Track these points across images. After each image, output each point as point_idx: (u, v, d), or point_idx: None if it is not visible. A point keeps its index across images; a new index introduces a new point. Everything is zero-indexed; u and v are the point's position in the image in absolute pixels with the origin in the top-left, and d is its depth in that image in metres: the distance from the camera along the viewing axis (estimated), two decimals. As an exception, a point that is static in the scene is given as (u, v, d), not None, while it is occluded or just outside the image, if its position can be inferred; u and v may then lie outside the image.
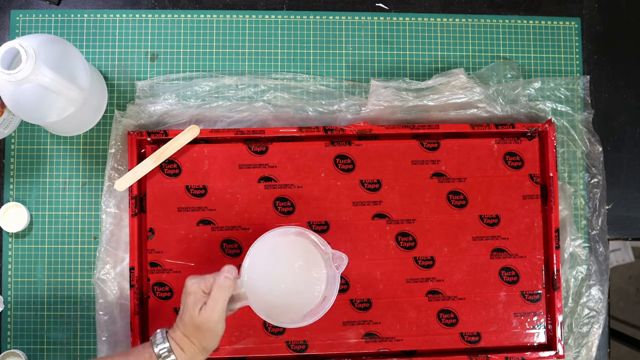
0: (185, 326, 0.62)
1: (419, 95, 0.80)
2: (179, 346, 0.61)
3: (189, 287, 0.63)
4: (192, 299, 0.62)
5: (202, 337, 0.61)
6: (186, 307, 0.62)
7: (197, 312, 0.61)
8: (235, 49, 0.82)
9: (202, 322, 0.61)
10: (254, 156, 0.79)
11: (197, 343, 0.61)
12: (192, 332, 0.61)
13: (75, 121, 0.76)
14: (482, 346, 0.79)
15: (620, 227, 0.85)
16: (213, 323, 0.61)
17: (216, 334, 0.62)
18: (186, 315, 0.62)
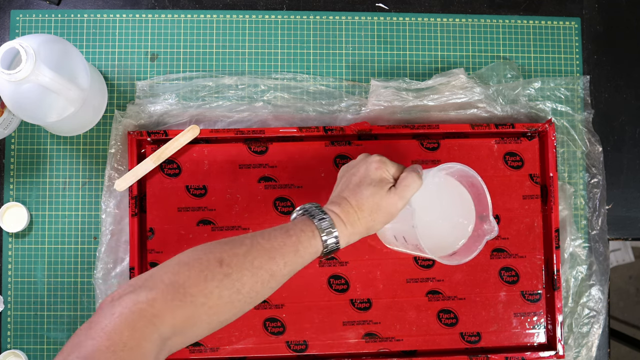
0: (358, 202, 0.58)
1: (419, 95, 0.80)
2: (342, 221, 0.57)
3: (376, 163, 0.60)
4: (380, 176, 0.59)
5: (375, 217, 0.58)
6: (367, 181, 0.59)
7: (386, 191, 0.58)
8: (235, 49, 0.82)
9: (388, 203, 0.58)
10: (254, 156, 0.79)
11: (364, 222, 0.58)
12: (365, 209, 0.58)
13: (75, 121, 0.76)
14: (482, 346, 0.79)
15: (620, 227, 0.85)
16: (395, 208, 0.58)
17: (388, 219, 0.59)
18: (365, 191, 0.58)
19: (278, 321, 0.78)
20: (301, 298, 0.78)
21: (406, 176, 0.59)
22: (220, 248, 0.53)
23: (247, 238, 0.55)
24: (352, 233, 0.58)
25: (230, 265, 0.52)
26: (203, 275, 0.51)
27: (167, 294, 0.49)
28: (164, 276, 0.50)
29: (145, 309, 0.48)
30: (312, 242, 0.56)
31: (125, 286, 0.50)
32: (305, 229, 0.56)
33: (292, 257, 0.55)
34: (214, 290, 0.51)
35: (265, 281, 0.54)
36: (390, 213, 0.59)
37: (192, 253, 0.53)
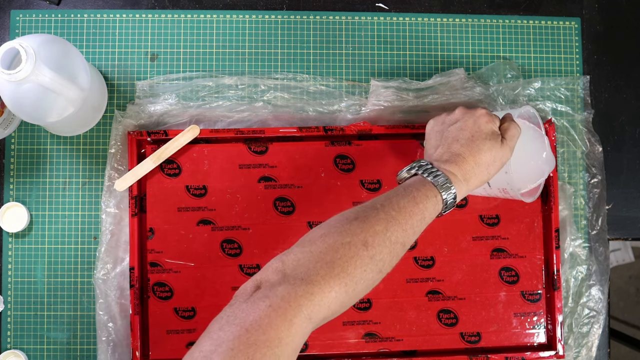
0: (475, 157, 0.58)
1: (419, 95, 0.80)
2: (459, 177, 0.57)
3: (486, 116, 0.60)
4: (491, 129, 0.60)
5: (491, 170, 0.59)
6: (481, 136, 0.59)
7: (500, 144, 0.59)
8: (235, 49, 0.82)
9: (503, 154, 0.59)
10: (254, 156, 0.79)
11: (480, 176, 0.59)
12: (483, 163, 0.58)
13: (75, 121, 0.76)
14: (482, 346, 0.79)
15: (620, 227, 0.85)
16: (507, 159, 0.60)
17: (499, 170, 0.60)
18: (483, 146, 0.58)
19: (278, 321, 0.78)
20: (301, 298, 0.78)
21: (509, 126, 0.61)
22: (361, 227, 0.52)
23: (379, 211, 0.54)
24: (467, 189, 0.59)
25: (374, 245, 0.52)
26: (354, 262, 0.50)
27: (325, 287, 0.48)
28: (319, 267, 0.49)
29: (305, 304, 0.47)
30: (436, 206, 0.56)
31: (271, 273, 0.49)
32: (429, 194, 0.56)
33: (420, 225, 0.55)
34: (363, 275, 0.51)
35: (399, 254, 0.54)
36: (503, 164, 0.60)
37: (338, 236, 0.52)
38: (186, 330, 0.77)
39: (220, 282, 0.78)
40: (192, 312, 0.77)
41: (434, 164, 0.59)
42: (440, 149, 0.61)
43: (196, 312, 0.77)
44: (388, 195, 0.56)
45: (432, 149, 0.62)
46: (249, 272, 0.78)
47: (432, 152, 0.62)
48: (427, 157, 0.62)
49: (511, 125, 0.61)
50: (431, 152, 0.62)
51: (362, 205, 0.56)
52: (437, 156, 0.60)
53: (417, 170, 0.59)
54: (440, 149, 0.61)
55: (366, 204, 0.56)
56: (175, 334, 0.77)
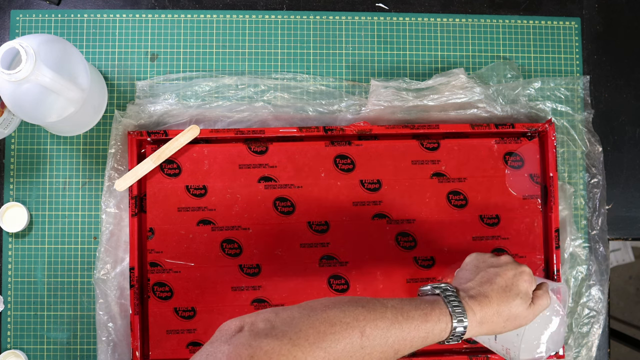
0: (500, 307, 0.58)
1: (419, 95, 0.80)
2: (476, 318, 0.57)
3: (528, 276, 0.61)
4: (527, 291, 0.60)
5: (507, 325, 0.59)
6: (515, 291, 0.59)
7: (527, 306, 0.60)
8: (235, 49, 0.82)
9: (525, 317, 0.59)
10: (254, 156, 0.79)
11: (495, 326, 0.59)
12: (504, 316, 0.59)
13: (75, 121, 0.76)
14: (482, 346, 0.79)
15: (620, 227, 0.85)
16: (526, 322, 0.60)
17: (516, 328, 0.61)
18: (512, 301, 0.59)
19: (278, 321, 0.78)
20: (301, 298, 0.78)
21: (542, 295, 0.61)
22: (365, 316, 0.53)
23: (387, 309, 0.54)
24: (478, 331, 0.58)
25: (369, 338, 0.52)
26: (344, 344, 0.50)
27: (308, 355, 0.48)
28: (310, 333, 0.49)
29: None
30: (442, 333, 0.56)
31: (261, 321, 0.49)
32: (442, 318, 0.56)
33: (420, 342, 0.55)
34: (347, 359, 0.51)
35: (387, 358, 0.54)
36: (520, 325, 0.60)
37: (340, 313, 0.52)
38: (186, 330, 0.77)
39: (220, 282, 0.78)
40: (192, 312, 0.77)
41: (460, 294, 0.59)
42: (471, 283, 0.61)
43: (196, 312, 0.77)
44: (402, 300, 0.56)
45: (463, 280, 0.62)
46: (248, 272, 0.78)
47: (462, 282, 0.62)
48: (455, 284, 0.63)
49: (544, 295, 0.62)
50: (462, 282, 0.62)
51: (373, 298, 0.56)
52: (465, 288, 0.60)
53: (440, 292, 0.59)
54: (471, 283, 0.61)
55: (377, 299, 0.56)
56: (175, 334, 0.77)
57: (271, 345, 0.47)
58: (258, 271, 0.78)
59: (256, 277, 0.78)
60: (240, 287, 0.78)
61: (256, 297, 0.78)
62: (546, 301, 0.61)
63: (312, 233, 0.79)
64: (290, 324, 0.49)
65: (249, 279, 0.78)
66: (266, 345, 0.46)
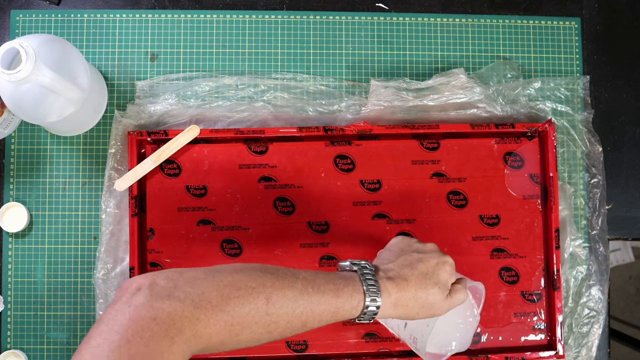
0: (417, 293, 0.58)
1: (419, 95, 0.80)
2: (392, 300, 0.57)
3: (450, 267, 0.60)
4: (447, 281, 0.60)
5: (421, 312, 0.58)
6: (434, 279, 0.59)
7: (444, 297, 0.59)
8: (235, 49, 0.82)
9: (440, 307, 0.59)
10: (254, 156, 0.79)
11: (410, 310, 0.58)
12: (420, 302, 0.58)
13: (75, 121, 0.76)
14: (482, 346, 0.79)
15: (620, 227, 0.85)
16: (440, 313, 0.60)
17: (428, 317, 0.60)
18: (430, 289, 0.58)
19: (278, 321, 0.78)
20: (301, 298, 0.78)
21: (460, 290, 0.61)
22: (272, 283, 0.52)
23: (298, 280, 0.54)
24: (391, 313, 0.58)
25: (275, 305, 0.51)
26: (248, 309, 0.50)
27: (211, 318, 0.48)
28: (213, 296, 0.48)
29: (188, 327, 0.46)
30: (353, 310, 0.55)
31: (164, 279, 0.48)
32: (354, 295, 0.55)
33: (329, 317, 0.55)
34: (252, 326, 0.51)
35: (295, 329, 0.54)
36: (434, 315, 0.60)
37: (246, 278, 0.51)
38: (186, 330, 0.77)
39: (220, 282, 0.77)
40: (192, 312, 0.77)
41: (379, 273, 0.58)
42: (392, 264, 0.60)
43: (196, 312, 0.77)
44: (316, 273, 0.56)
45: (385, 260, 0.61)
46: (249, 272, 0.78)
47: (383, 262, 0.61)
48: (376, 263, 0.61)
49: (462, 290, 0.61)
50: (383, 262, 0.61)
51: (286, 268, 0.55)
52: (386, 268, 0.59)
53: (358, 268, 0.58)
54: (392, 264, 0.60)
55: (291, 269, 0.55)
56: (175, 334, 0.77)
57: (173, 307, 0.46)
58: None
59: (256, 277, 0.78)
60: (240, 287, 0.78)
61: (256, 297, 0.78)
62: (463, 296, 0.61)
63: (312, 233, 0.79)
64: (194, 285, 0.48)
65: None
66: (168, 307, 0.46)
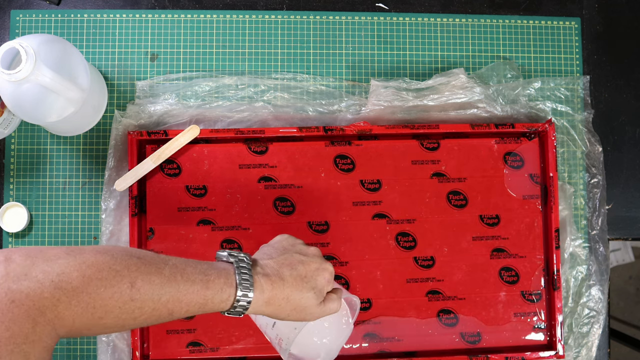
0: (291, 294, 0.57)
1: (419, 95, 0.80)
2: (265, 297, 0.55)
3: (329, 275, 0.60)
4: (323, 288, 0.59)
5: (292, 314, 0.58)
6: (311, 283, 0.58)
7: (318, 303, 0.58)
8: (235, 49, 0.82)
9: (311, 313, 0.58)
10: (254, 156, 0.79)
11: (281, 310, 0.57)
12: (292, 304, 0.57)
13: (75, 121, 0.76)
14: (482, 346, 0.79)
15: (620, 227, 0.85)
16: (311, 319, 0.59)
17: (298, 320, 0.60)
18: (305, 292, 0.57)
19: (278, 321, 0.78)
20: (301, 298, 0.78)
21: (334, 299, 0.60)
22: (139, 267, 0.50)
23: (167, 266, 0.52)
24: (262, 310, 0.56)
25: (140, 290, 0.49)
26: (111, 292, 0.48)
27: (72, 300, 0.45)
28: (74, 277, 0.46)
29: (49, 308, 0.44)
30: (222, 303, 0.54)
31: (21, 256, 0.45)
32: (225, 288, 0.53)
33: (196, 308, 0.53)
34: (115, 311, 0.48)
35: (161, 317, 0.52)
36: (305, 320, 0.59)
37: (111, 260, 0.49)
38: (186, 330, 0.77)
39: (220, 282, 0.77)
40: (192, 312, 0.77)
41: (256, 268, 0.57)
42: (272, 261, 0.59)
43: (196, 312, 0.77)
44: (187, 261, 0.54)
45: (266, 256, 0.60)
46: (249, 272, 0.78)
47: (263, 257, 0.59)
48: (257, 256, 0.60)
49: (337, 300, 0.60)
50: (264, 257, 0.60)
51: (155, 253, 0.54)
52: (264, 264, 0.58)
53: (235, 261, 0.56)
54: (272, 261, 0.59)
55: (163, 255, 0.54)
56: (175, 334, 0.77)
57: (32, 288, 0.44)
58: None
59: (256, 277, 0.78)
60: (240, 287, 0.78)
61: (256, 297, 0.78)
62: (336, 305, 0.60)
63: (312, 233, 0.79)
64: (54, 264, 0.46)
65: None
66: (26, 288, 0.44)
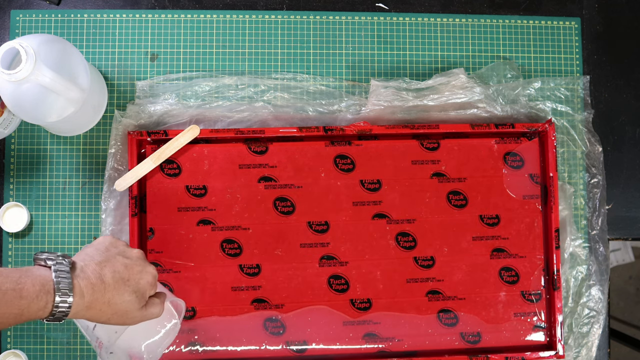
0: (112, 298, 0.55)
1: (419, 95, 0.80)
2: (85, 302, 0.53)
3: (153, 278, 0.59)
4: (145, 292, 0.58)
5: (112, 319, 0.56)
6: (133, 286, 0.57)
7: (139, 307, 0.58)
8: (235, 49, 0.82)
9: (133, 317, 0.57)
10: (254, 156, 0.79)
11: (101, 315, 0.55)
12: (112, 308, 0.55)
13: (75, 121, 0.76)
14: (482, 346, 0.79)
15: (620, 227, 0.85)
16: (132, 322, 0.58)
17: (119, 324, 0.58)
18: (127, 296, 0.56)
19: (278, 321, 0.78)
20: (301, 298, 0.78)
21: (157, 304, 0.60)
22: None
23: None
24: (83, 315, 0.54)
25: None
26: None
27: None
28: None
29: None
30: (40, 313, 0.51)
31: None
32: (41, 296, 0.50)
33: (12, 319, 0.50)
34: None
35: None
36: (126, 324, 0.58)
37: None
38: (186, 330, 0.77)
39: (220, 282, 0.78)
40: (192, 312, 0.77)
41: (76, 272, 0.54)
42: (94, 263, 0.56)
43: (196, 312, 0.77)
44: (4, 272, 0.50)
45: (87, 257, 0.57)
46: (248, 272, 0.78)
47: (85, 259, 0.57)
48: (78, 258, 0.57)
49: (159, 305, 0.60)
50: (85, 258, 0.57)
51: None
52: (85, 266, 0.55)
53: (53, 264, 0.53)
54: (94, 263, 0.56)
55: None
56: (175, 334, 0.77)
57: None
58: (258, 271, 0.78)
59: (256, 277, 0.78)
60: (240, 287, 0.78)
61: (256, 297, 0.78)
62: (158, 310, 0.59)
63: (312, 233, 0.79)
64: None
65: (249, 279, 0.78)
66: None
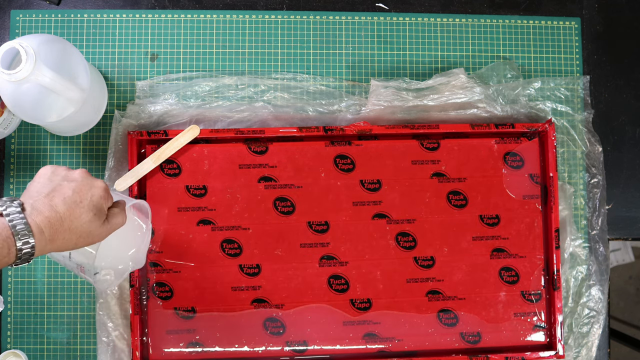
0: (72, 223, 0.55)
1: (419, 95, 0.80)
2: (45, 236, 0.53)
3: (104, 191, 0.58)
4: (101, 206, 0.57)
5: (80, 242, 0.56)
6: (87, 205, 0.56)
7: (102, 222, 0.57)
8: (235, 49, 0.82)
9: (99, 234, 0.57)
10: (254, 156, 0.79)
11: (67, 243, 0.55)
12: (76, 232, 0.55)
13: (75, 121, 0.76)
14: (482, 346, 0.79)
15: (620, 227, 0.85)
16: (100, 239, 0.58)
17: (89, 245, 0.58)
18: (85, 216, 0.56)
19: (278, 321, 0.78)
20: (301, 298, 0.78)
21: (118, 213, 0.60)
22: None
23: None
24: (50, 249, 0.54)
25: None
26: None
27: None
28: None
29: None
30: (6, 259, 0.52)
31: None
32: (2, 244, 0.51)
33: None
34: None
35: None
36: (94, 242, 0.58)
37: None
38: (186, 330, 0.77)
39: (220, 282, 0.78)
40: (192, 312, 0.77)
41: (27, 211, 0.54)
42: (41, 197, 0.56)
43: (196, 312, 0.77)
44: None
45: (34, 193, 0.56)
46: (248, 272, 0.78)
47: (32, 196, 0.56)
48: (26, 197, 0.56)
49: (120, 213, 0.60)
50: (32, 195, 0.56)
51: None
52: (35, 203, 0.55)
53: (4, 210, 0.53)
54: (41, 197, 0.56)
55: None
56: (175, 334, 0.77)
57: None
58: (258, 271, 0.78)
59: (256, 277, 0.78)
60: (240, 287, 0.78)
61: (256, 297, 0.78)
62: (121, 219, 0.60)
63: (312, 233, 0.79)
64: None
65: (249, 279, 0.78)
66: None
